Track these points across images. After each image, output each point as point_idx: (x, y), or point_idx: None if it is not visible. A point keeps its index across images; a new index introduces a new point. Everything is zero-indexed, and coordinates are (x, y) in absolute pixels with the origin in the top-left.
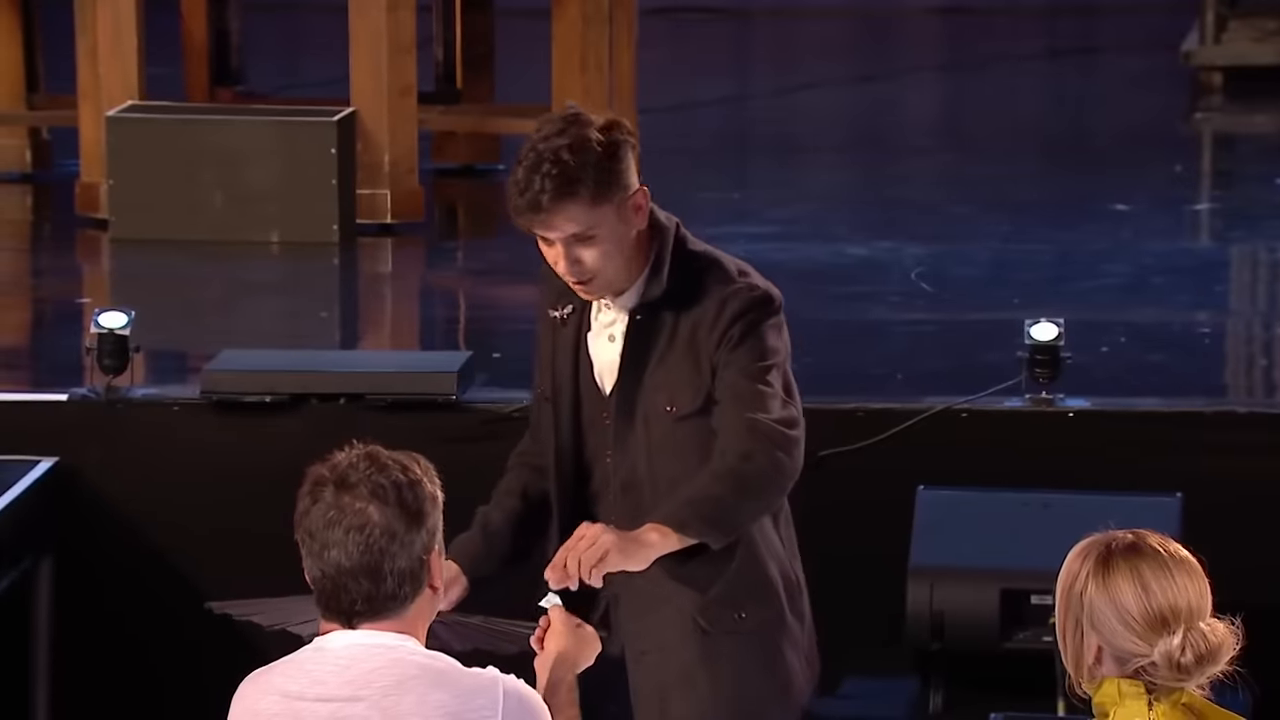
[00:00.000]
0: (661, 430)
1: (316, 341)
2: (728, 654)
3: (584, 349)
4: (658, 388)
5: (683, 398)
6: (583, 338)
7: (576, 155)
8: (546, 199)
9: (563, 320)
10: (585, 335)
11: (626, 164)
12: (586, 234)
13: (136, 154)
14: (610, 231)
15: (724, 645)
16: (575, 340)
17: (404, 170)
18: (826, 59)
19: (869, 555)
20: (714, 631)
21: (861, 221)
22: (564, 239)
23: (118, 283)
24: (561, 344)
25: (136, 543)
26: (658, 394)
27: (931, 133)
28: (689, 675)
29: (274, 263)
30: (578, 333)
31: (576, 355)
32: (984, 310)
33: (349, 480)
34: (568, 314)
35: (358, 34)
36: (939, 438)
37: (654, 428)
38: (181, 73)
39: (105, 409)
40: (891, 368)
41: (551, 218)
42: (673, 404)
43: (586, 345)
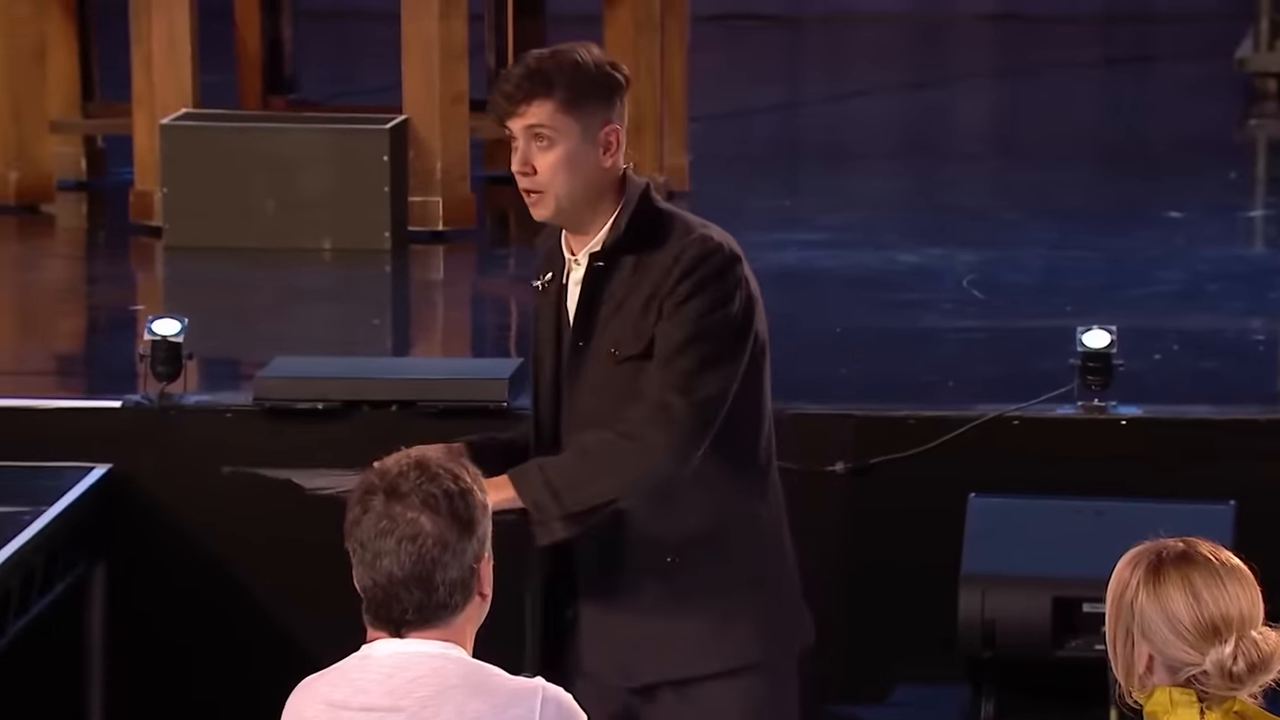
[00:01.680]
0: (603, 372)
1: (368, 348)
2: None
3: (564, 314)
4: (610, 333)
5: (627, 341)
6: (563, 303)
7: (556, 62)
8: (513, 88)
9: (543, 289)
10: (565, 301)
11: (608, 94)
12: (545, 133)
13: (190, 161)
14: (571, 146)
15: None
16: (555, 307)
17: (456, 177)
18: (878, 66)
19: (920, 563)
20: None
21: (913, 228)
22: (524, 131)
23: (171, 290)
24: (543, 310)
25: (189, 549)
26: (608, 339)
27: (983, 140)
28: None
29: (326, 270)
30: (557, 299)
31: (557, 322)
32: (1036, 317)
33: (400, 489)
34: (547, 281)
35: (410, 42)
36: (991, 445)
37: (601, 372)
38: (235, 81)
39: (158, 416)
40: (943, 375)
41: (516, 106)
42: (616, 346)
43: (566, 310)
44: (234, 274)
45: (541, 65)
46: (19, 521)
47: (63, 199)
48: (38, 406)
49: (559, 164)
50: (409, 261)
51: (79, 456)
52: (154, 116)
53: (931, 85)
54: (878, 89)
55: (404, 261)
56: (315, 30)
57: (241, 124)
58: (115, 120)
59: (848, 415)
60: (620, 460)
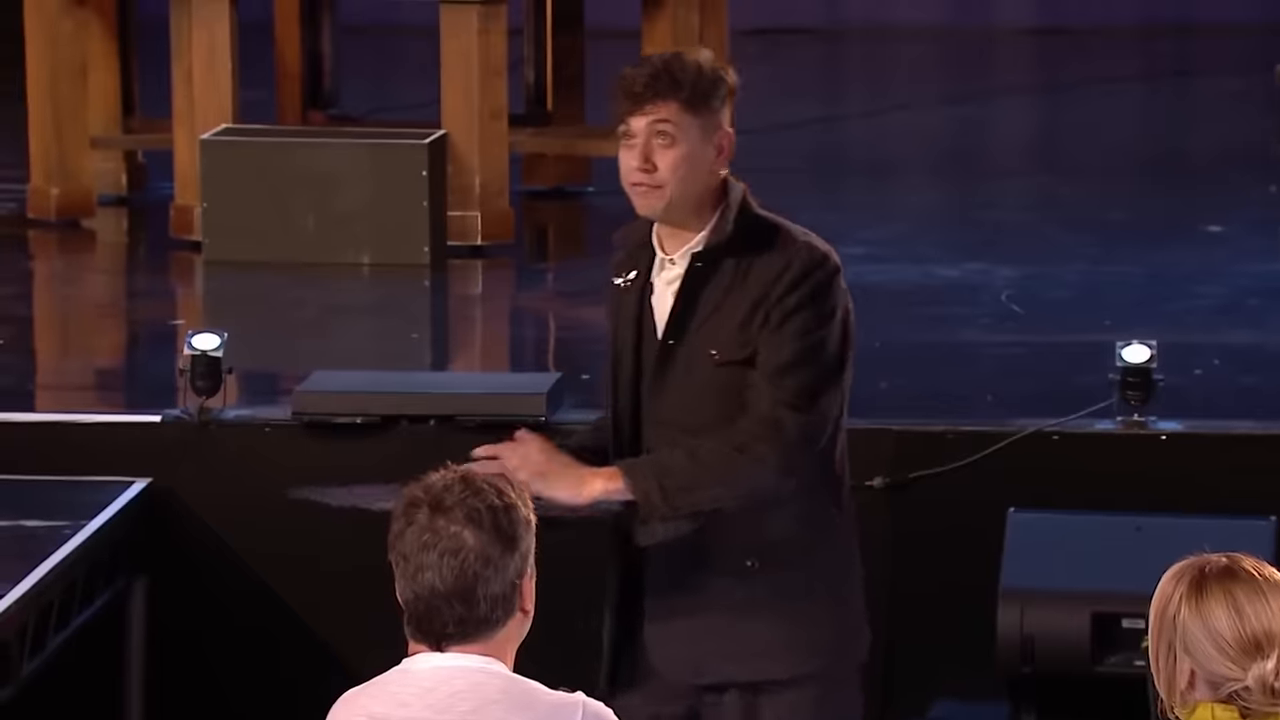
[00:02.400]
0: (703, 376)
1: (407, 363)
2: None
3: (648, 312)
4: (707, 334)
5: (728, 345)
6: (646, 301)
7: (682, 64)
8: (642, 86)
9: (626, 287)
10: (649, 299)
11: (723, 99)
12: (669, 131)
13: (230, 177)
14: (691, 145)
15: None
16: (639, 305)
17: (494, 192)
18: (918, 80)
19: (959, 578)
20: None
21: (953, 243)
22: (648, 127)
23: (211, 304)
24: (624, 310)
25: (228, 563)
26: (705, 340)
27: (1023, 154)
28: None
29: (365, 284)
30: (641, 297)
31: (640, 319)
32: (1075, 332)
33: (444, 503)
34: (630, 279)
35: (449, 57)
36: (1030, 460)
37: (696, 373)
38: (275, 96)
39: (198, 430)
40: (982, 390)
41: (644, 104)
42: (717, 349)
43: (651, 308)
44: (273, 289)
45: (669, 66)
46: (60, 536)
47: (103, 214)
48: (78, 421)
49: (679, 162)
50: (448, 276)
51: (119, 471)
52: (194, 132)
53: (971, 99)
54: (917, 103)
55: (442, 276)
56: (354, 45)
57: (281, 139)
58: (156, 135)
59: (886, 429)
60: (733, 471)
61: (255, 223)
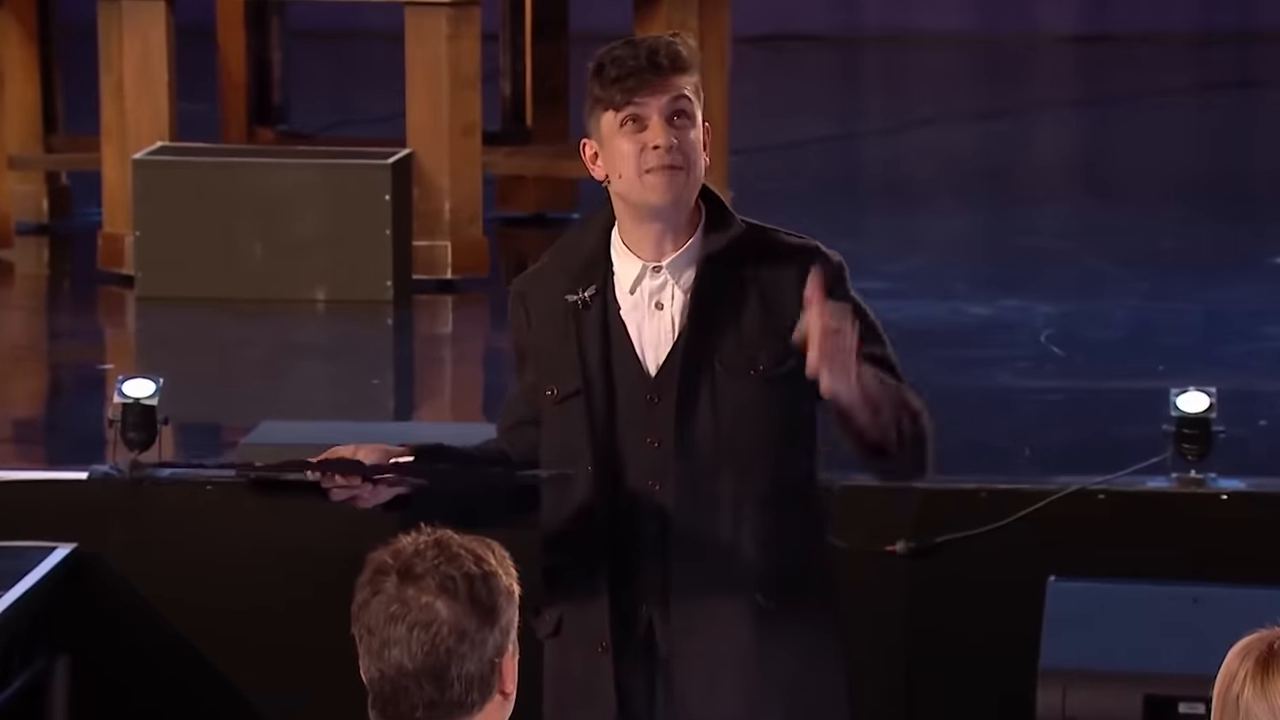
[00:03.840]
0: (738, 391)
1: (368, 413)
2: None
3: (614, 331)
4: (733, 347)
5: (767, 356)
6: (611, 320)
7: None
8: (665, 59)
9: (585, 303)
10: (614, 316)
11: None
12: (690, 111)
13: (166, 201)
14: (699, 130)
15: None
16: (603, 323)
17: (466, 219)
18: (944, 92)
19: (993, 654)
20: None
21: (984, 276)
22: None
23: (144, 347)
24: (587, 329)
25: (164, 639)
26: (734, 353)
27: (1065, 175)
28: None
29: (320, 323)
30: (604, 315)
31: (607, 340)
32: (1124, 378)
33: (414, 570)
34: (590, 295)
35: (415, 66)
36: (1073, 522)
37: (732, 391)
38: (217, 110)
39: (130, 489)
40: (1019, 442)
41: (666, 81)
42: (756, 363)
43: (621, 326)
44: (215, 328)
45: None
46: None
47: (22, 244)
48: None
49: (697, 143)
50: (413, 314)
51: (40, 535)
52: (125, 150)
53: (1005, 114)
54: (944, 118)
55: (408, 314)
56: (308, 53)
57: (224, 159)
58: (81, 155)
59: (910, 487)
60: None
61: (195, 254)
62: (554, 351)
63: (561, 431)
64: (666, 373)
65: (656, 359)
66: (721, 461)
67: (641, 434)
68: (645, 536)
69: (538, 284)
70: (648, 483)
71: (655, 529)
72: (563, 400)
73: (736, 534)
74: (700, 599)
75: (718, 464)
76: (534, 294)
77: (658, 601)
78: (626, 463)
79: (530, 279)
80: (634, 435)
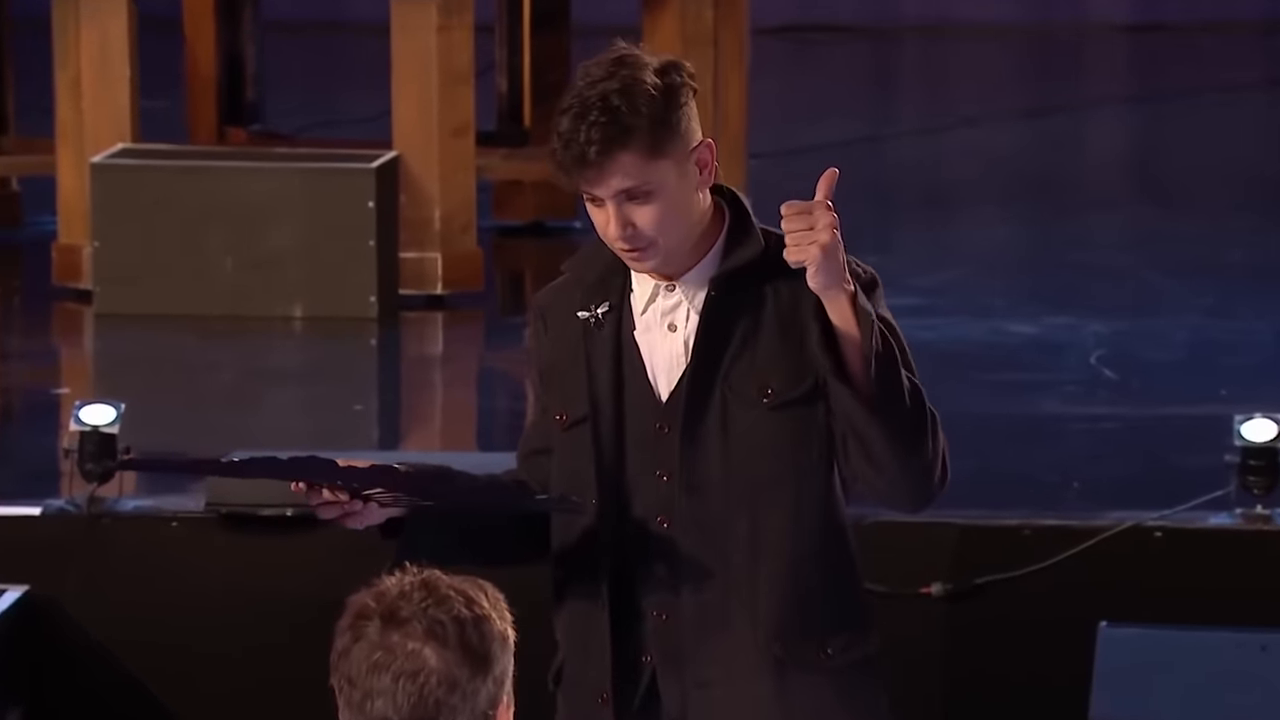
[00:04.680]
0: (748, 421)
1: (349, 442)
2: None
3: (627, 353)
4: (745, 373)
5: (780, 381)
6: (624, 340)
7: (628, 100)
8: (594, 150)
9: (597, 322)
10: (627, 336)
11: (687, 111)
12: (641, 189)
13: (128, 209)
14: (670, 191)
15: (804, 681)
16: (615, 344)
17: (458, 228)
18: (987, 88)
19: (1037, 708)
20: (792, 664)
21: (1028, 291)
22: (614, 197)
23: (103, 369)
24: (597, 350)
25: (126, 689)
26: (745, 380)
27: (1118, 179)
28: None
29: (297, 344)
30: (617, 335)
31: (619, 362)
32: (1183, 403)
33: (400, 614)
34: (603, 313)
35: (402, 60)
36: (1126, 562)
37: (738, 419)
38: (184, 109)
39: (88, 525)
40: (1066, 474)
41: (600, 173)
42: (767, 389)
43: (634, 347)
44: (182, 349)
45: (611, 112)
46: None
47: None
48: None
49: (663, 215)
50: (400, 333)
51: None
52: (83, 153)
53: (1053, 112)
54: (985, 117)
55: (394, 333)
56: (283, 46)
57: (192, 162)
58: (34, 158)
59: (947, 524)
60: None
61: (159, 267)
62: (565, 373)
63: (570, 460)
64: (676, 400)
65: (668, 385)
66: (733, 497)
67: (651, 466)
68: (652, 578)
69: (555, 298)
70: (656, 519)
71: (662, 570)
72: (571, 426)
73: (752, 577)
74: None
75: (729, 500)
76: (551, 309)
77: (664, 651)
78: (634, 497)
79: (551, 292)
80: (643, 467)
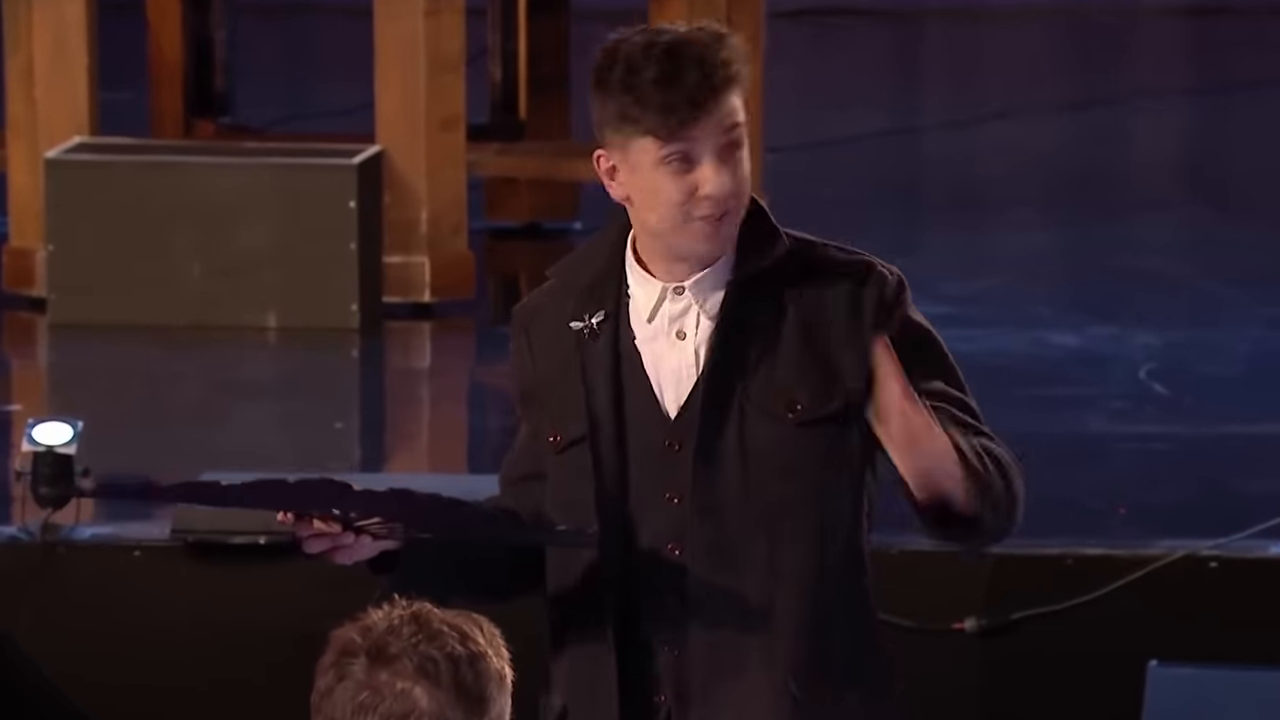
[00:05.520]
0: (771, 438)
1: (329, 461)
2: None
3: (627, 364)
4: (766, 385)
5: (807, 396)
6: (624, 350)
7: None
8: (719, 78)
9: (592, 332)
10: (627, 346)
11: None
12: (740, 138)
13: (85, 209)
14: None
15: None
16: (613, 355)
17: (448, 230)
18: (1024, 76)
19: None
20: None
21: (1072, 300)
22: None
23: (59, 383)
24: (594, 362)
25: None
26: (767, 393)
27: (1171, 178)
28: None
29: (271, 355)
30: (615, 345)
31: (618, 374)
32: (1241, 421)
33: (388, 651)
34: (599, 322)
35: (386, 46)
36: (1179, 595)
37: (764, 437)
38: (148, 99)
39: (42, 554)
40: (1113, 499)
41: (718, 109)
42: (794, 404)
43: (636, 357)
44: (145, 361)
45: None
46: None
47: None
48: None
49: (747, 175)
50: (384, 344)
51: None
52: (36, 148)
53: (1098, 103)
54: (1022, 109)
55: (377, 344)
56: (256, 31)
57: (156, 158)
58: None
59: (982, 554)
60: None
61: (120, 272)
62: (556, 389)
63: (566, 486)
64: (688, 415)
65: (677, 399)
66: (752, 521)
67: (659, 488)
68: (662, 611)
69: (541, 309)
70: (666, 546)
71: (674, 602)
72: (566, 448)
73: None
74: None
75: (748, 524)
76: (537, 321)
77: (675, 689)
78: (641, 522)
79: (533, 303)
80: (650, 490)
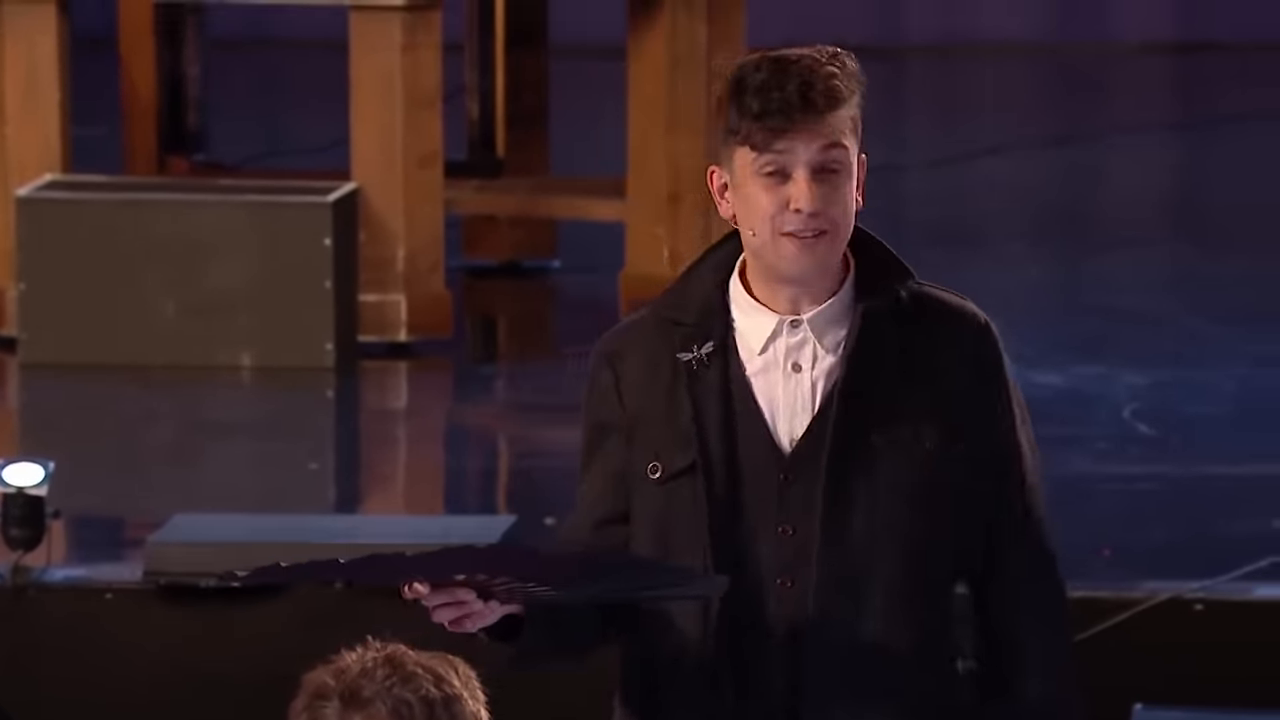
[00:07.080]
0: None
1: (303, 503)
2: None
3: (739, 396)
4: (895, 422)
5: (936, 435)
6: (734, 381)
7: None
8: (822, 94)
9: (703, 362)
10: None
11: None
12: (839, 160)
13: (57, 248)
14: (850, 180)
15: None
16: (724, 386)
17: (425, 268)
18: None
19: None
20: None
21: (1056, 338)
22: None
23: (30, 424)
24: (703, 393)
25: None
26: (897, 429)
27: (1156, 215)
28: None
29: (246, 396)
30: (725, 376)
31: (729, 406)
32: (1228, 462)
33: (362, 694)
34: (709, 354)
35: (362, 82)
36: (1163, 637)
37: (893, 471)
38: (121, 136)
39: (12, 597)
40: (1098, 540)
41: (818, 123)
42: (923, 441)
43: (747, 389)
44: (118, 402)
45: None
46: None
47: None
48: None
49: (847, 199)
50: (359, 384)
51: None
52: (6, 186)
53: (1084, 139)
54: (1009, 145)
55: (352, 383)
56: (230, 67)
57: (128, 195)
58: None
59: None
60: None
61: (92, 312)
62: (659, 421)
63: (665, 517)
64: (807, 447)
65: (791, 431)
66: (873, 556)
67: (771, 520)
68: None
69: (631, 343)
70: (776, 580)
71: (785, 638)
72: (670, 479)
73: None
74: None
75: (869, 559)
76: (628, 355)
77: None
78: (750, 555)
79: (623, 335)
80: (762, 521)
